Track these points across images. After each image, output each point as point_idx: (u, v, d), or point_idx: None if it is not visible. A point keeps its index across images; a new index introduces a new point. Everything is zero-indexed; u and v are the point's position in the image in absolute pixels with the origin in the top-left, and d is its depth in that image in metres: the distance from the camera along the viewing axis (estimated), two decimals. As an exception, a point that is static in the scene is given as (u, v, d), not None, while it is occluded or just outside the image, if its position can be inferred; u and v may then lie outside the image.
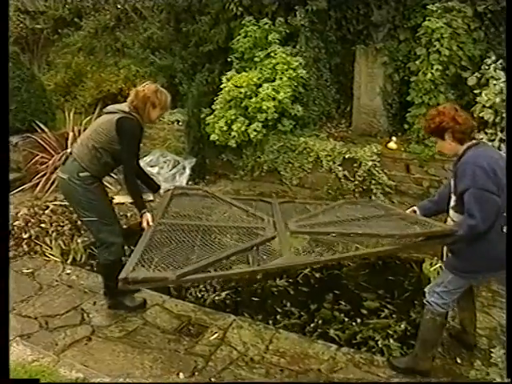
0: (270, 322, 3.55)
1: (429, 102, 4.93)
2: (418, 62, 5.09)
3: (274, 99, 5.37)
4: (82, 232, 4.54)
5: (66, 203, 4.32)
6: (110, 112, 3.26)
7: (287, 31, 5.90)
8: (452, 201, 2.67)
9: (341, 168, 5.24)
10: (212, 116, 5.77)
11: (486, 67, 4.81)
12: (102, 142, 3.18)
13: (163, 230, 2.97)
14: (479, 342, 3.12)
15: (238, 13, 6.03)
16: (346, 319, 3.58)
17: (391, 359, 3.02)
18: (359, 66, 5.63)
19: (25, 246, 4.35)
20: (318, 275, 4.14)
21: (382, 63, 5.45)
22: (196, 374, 2.92)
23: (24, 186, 5.61)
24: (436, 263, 3.95)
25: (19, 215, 4.53)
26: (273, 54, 5.66)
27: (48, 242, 4.35)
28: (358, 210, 3.37)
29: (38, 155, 5.78)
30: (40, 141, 5.89)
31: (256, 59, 5.77)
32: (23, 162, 5.84)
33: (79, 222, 4.40)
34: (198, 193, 3.93)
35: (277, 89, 5.42)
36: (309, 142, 5.42)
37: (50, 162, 5.67)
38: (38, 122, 6.03)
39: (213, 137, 5.70)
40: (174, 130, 6.55)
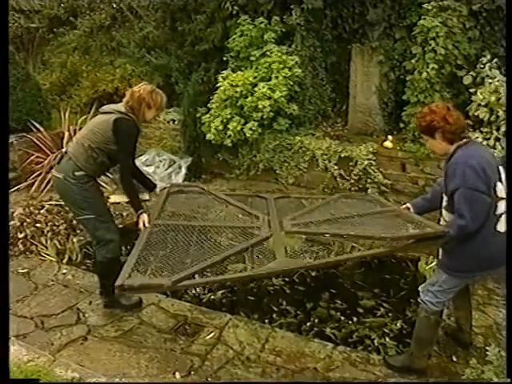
0: (266, 320, 3.55)
1: (424, 101, 4.93)
2: (413, 61, 5.11)
3: (269, 98, 5.37)
4: (78, 231, 4.53)
5: (62, 203, 4.31)
6: (107, 112, 3.26)
7: (283, 30, 5.90)
8: (444, 201, 2.67)
9: (336, 167, 5.26)
10: (208, 115, 5.77)
11: (482, 66, 4.84)
12: (98, 141, 3.19)
13: (159, 231, 2.97)
14: (475, 340, 3.13)
15: (234, 12, 6.05)
16: (342, 318, 3.58)
17: (387, 358, 3.02)
18: (355, 65, 5.64)
19: (20, 246, 4.34)
20: (313, 274, 4.14)
21: (378, 62, 5.46)
22: (192, 373, 2.92)
23: (19, 186, 5.59)
24: (432, 262, 3.94)
25: (15, 215, 4.51)
26: (268, 53, 5.67)
27: (43, 242, 4.34)
28: (353, 206, 3.37)
29: (33, 155, 5.76)
30: (35, 140, 5.86)
31: (252, 58, 5.78)
32: (18, 162, 5.80)
33: (75, 222, 4.42)
34: (194, 190, 3.95)
35: (272, 88, 5.43)
36: (304, 141, 5.43)
37: (46, 162, 5.65)
38: (33, 122, 6.00)
39: (209, 136, 5.70)
40: (169, 129, 6.56)
